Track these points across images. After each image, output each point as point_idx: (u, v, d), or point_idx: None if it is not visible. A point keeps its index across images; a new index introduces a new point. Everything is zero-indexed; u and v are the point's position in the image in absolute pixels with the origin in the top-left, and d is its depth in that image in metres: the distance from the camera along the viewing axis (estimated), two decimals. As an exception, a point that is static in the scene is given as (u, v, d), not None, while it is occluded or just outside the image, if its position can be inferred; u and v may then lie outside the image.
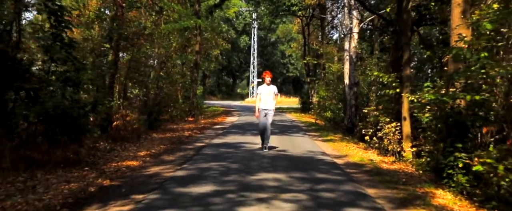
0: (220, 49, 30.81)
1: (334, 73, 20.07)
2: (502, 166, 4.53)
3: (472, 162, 5.11)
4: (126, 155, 8.24)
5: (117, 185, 5.60)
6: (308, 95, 27.69)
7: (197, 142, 10.51)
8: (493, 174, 4.67)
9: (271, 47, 61.96)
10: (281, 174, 6.20)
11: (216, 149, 9.03)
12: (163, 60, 14.77)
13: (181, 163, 7.25)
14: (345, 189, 5.31)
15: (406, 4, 8.91)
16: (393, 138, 8.97)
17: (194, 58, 18.83)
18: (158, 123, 13.37)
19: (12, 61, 6.09)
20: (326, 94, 19.47)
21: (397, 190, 5.51)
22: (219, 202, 4.45)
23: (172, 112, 16.51)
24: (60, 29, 6.52)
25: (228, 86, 67.47)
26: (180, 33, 17.30)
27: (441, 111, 6.72)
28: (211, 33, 22.52)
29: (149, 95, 13.31)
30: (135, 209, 4.27)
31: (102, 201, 4.70)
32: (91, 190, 5.28)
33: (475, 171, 5.01)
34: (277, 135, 12.24)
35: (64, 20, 6.51)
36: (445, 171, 6.02)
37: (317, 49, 23.77)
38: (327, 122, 18.56)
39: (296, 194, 4.93)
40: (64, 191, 5.14)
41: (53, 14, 6.42)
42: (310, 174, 6.32)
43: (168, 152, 8.84)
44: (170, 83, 15.79)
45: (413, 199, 5.01)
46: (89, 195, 5.04)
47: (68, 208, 4.45)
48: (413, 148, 8.17)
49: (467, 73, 5.73)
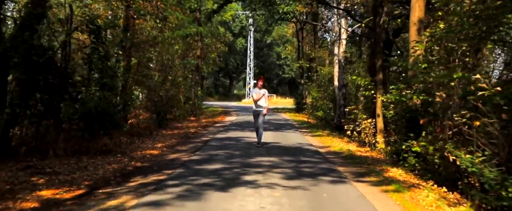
0: (217, 52, 32.50)
1: (325, 76, 21.81)
2: (432, 146, 6.28)
3: (414, 146, 6.86)
4: (145, 146, 9.93)
5: (148, 166, 7.30)
6: (302, 96, 29.39)
7: (202, 137, 12.22)
8: (426, 153, 6.42)
9: (267, 49, 63.70)
10: (274, 157, 7.93)
11: (220, 142, 10.75)
12: (169, 65, 16.46)
13: (193, 151, 8.96)
14: (321, 167, 7.05)
15: (379, 20, 10.68)
16: (369, 132, 10.72)
17: (196, 63, 20.51)
18: (166, 121, 15.04)
19: (62, 71, 7.76)
20: (318, 95, 21.18)
21: (361, 168, 7.26)
22: (228, 173, 6.18)
23: (175, 111, 18.18)
24: (98, 44, 8.20)
25: (225, 88, 69.24)
26: (183, 40, 18.95)
27: (400, 108, 8.48)
28: (211, 39, 24.22)
29: (157, 97, 14.97)
30: (169, 177, 5.98)
31: (142, 174, 6.40)
32: (129, 169, 6.98)
33: (420, 153, 6.76)
34: (272, 131, 13.95)
35: (101, 37, 8.20)
36: (401, 155, 7.78)
37: (310, 53, 25.51)
38: (319, 121, 20.26)
39: (284, 169, 6.66)
40: (110, 169, 6.84)
41: (93, 33, 8.11)
42: (297, 157, 8.06)
43: (180, 144, 10.54)
44: (174, 86, 17.45)
45: (371, 173, 6.77)
46: (130, 172, 6.74)
47: (120, 178, 6.16)
48: (384, 139, 9.93)
49: (412, 79, 7.48)
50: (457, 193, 5.58)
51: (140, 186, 5.55)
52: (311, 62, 25.50)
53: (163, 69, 16.38)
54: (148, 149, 9.40)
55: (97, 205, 4.57)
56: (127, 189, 5.36)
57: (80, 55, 8.19)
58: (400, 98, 8.14)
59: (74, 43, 8.44)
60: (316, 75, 24.53)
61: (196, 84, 20.99)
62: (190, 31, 17.76)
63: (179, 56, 18.31)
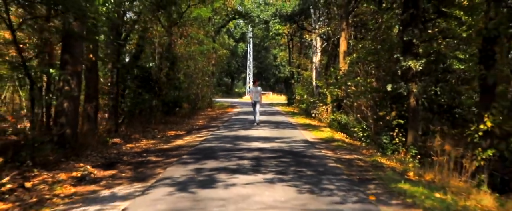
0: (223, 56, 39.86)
1: (307, 78, 29.20)
2: (342, 115, 13.69)
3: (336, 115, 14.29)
4: (192, 122, 17.29)
5: (199, 128, 14.66)
6: (292, 93, 36.79)
7: (223, 118, 19.59)
8: (336, 119, 13.87)
9: (265, 51, 71.01)
10: (266, 124, 15.31)
11: (235, 120, 18.12)
12: (196, 71, 23.81)
13: (222, 123, 16.34)
14: (288, 126, 14.47)
15: (336, 41, 18.05)
16: (321, 113, 18.13)
17: (211, 70, 27.91)
18: (196, 109, 22.44)
19: (155, 81, 15.11)
20: (302, 92, 28.56)
21: (308, 127, 14.65)
22: (244, 127, 13.59)
23: (199, 104, 25.56)
24: (172, 66, 15.56)
25: (227, 86, 76.65)
26: (202, 53, 26.29)
27: (332, 96, 15.89)
28: (221, 50, 31.58)
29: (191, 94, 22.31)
30: (216, 130, 13.36)
31: (204, 129, 13.81)
32: (196, 128, 14.37)
33: (337, 118, 14.18)
34: (266, 116, 21.29)
35: (172, 52, 15.55)
36: (331, 122, 15.18)
37: (296, 61, 32.91)
38: (302, 111, 27.64)
39: (270, 127, 14.06)
40: (187, 127, 14.23)
41: (169, 60, 15.48)
42: (277, 125, 15.46)
43: (210, 121, 17.90)
44: (199, 87, 24.80)
45: (310, 127, 14.16)
46: (197, 128, 14.12)
47: (195, 130, 13.54)
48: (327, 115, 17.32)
49: (339, 82, 14.91)
50: (342, 133, 12.96)
51: (207, 131, 12.93)
52: (298, 68, 32.89)
53: (189, 75, 23.71)
54: (196, 122, 16.78)
55: (196, 134, 11.94)
56: (204, 130, 12.76)
57: (164, 72, 15.56)
58: (332, 92, 15.61)
59: (158, 65, 15.81)
60: (301, 78, 31.93)
61: (211, 85, 28.36)
62: (208, 47, 25.07)
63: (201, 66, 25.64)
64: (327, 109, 18.12)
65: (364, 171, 6.65)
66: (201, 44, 24.93)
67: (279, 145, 9.50)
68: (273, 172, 6.29)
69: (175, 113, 16.04)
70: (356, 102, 13.39)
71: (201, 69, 25.62)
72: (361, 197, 4.84)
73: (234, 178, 5.77)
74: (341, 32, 16.59)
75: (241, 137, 11.07)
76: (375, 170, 6.76)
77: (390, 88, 8.91)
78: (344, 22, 16.31)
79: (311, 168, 6.63)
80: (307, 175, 6.08)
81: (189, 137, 11.73)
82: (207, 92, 27.94)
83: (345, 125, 13.46)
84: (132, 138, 11.08)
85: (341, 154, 8.47)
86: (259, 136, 11.32)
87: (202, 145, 9.57)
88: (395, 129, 9.17)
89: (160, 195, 4.86)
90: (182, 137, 11.70)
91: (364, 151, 9.30)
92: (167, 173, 6.19)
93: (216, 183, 5.47)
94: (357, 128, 12.20)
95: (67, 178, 6.16)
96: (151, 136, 11.82)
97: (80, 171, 6.43)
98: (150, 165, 7.10)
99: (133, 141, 10.69)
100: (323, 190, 5.18)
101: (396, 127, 9.20)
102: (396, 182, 5.59)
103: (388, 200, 4.81)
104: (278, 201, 4.60)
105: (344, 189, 5.25)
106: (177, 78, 15.93)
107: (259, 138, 10.81)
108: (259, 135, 11.73)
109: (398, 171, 6.87)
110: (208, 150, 8.60)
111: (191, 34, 23.76)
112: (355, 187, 5.40)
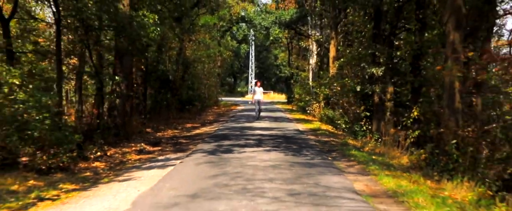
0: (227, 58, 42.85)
1: (304, 79, 32.08)
2: (330, 110, 16.58)
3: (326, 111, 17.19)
4: (203, 117, 20.19)
5: (210, 122, 17.55)
6: (292, 92, 39.71)
7: (229, 114, 22.50)
8: (325, 114, 16.78)
9: (266, 52, 73.91)
10: (266, 119, 18.19)
11: (241, 115, 21.02)
12: (204, 73, 26.72)
13: (229, 117, 19.23)
14: (285, 120, 17.36)
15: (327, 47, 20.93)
16: (315, 110, 21.02)
17: (217, 71, 30.84)
18: (205, 107, 25.37)
19: (173, 82, 18.03)
20: (300, 91, 31.44)
21: (301, 121, 17.54)
22: (248, 121, 16.48)
23: (207, 102, 28.48)
24: (187, 70, 18.49)
25: (230, 86, 79.70)
26: (210, 56, 29.20)
27: (323, 95, 18.78)
28: (226, 53, 34.53)
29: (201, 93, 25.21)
30: (224, 124, 16.26)
31: (215, 122, 16.71)
32: (207, 122, 17.28)
33: (326, 113, 17.07)
34: (266, 112, 24.17)
35: (183, 56, 18.49)
36: (321, 115, 18.07)
37: (294, 62, 35.82)
38: (299, 109, 30.52)
39: (270, 121, 16.96)
40: (200, 121, 17.15)
41: (184, 65, 18.40)
42: (276, 119, 18.33)
43: (219, 117, 20.80)
44: (206, 87, 27.71)
45: (303, 121, 17.06)
46: (208, 122, 17.03)
47: (208, 123, 16.46)
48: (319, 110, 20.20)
49: (328, 83, 17.82)
50: (330, 125, 15.83)
51: (217, 123, 15.83)
52: (296, 69, 35.79)
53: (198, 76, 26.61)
54: (207, 117, 19.69)
55: (209, 126, 14.86)
56: (215, 123, 15.67)
57: (179, 74, 18.48)
58: (323, 91, 18.51)
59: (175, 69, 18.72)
60: (299, 78, 34.83)
61: (217, 85, 31.28)
62: (215, 51, 27.98)
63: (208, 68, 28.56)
64: (320, 106, 20.99)
65: (333, 147, 9.56)
66: (208, 48, 27.85)
67: (276, 133, 12.40)
68: (270, 146, 9.20)
69: (189, 110, 18.97)
70: (341, 100, 16.26)
71: (208, 71, 28.54)
72: (324, 158, 7.76)
73: (244, 149, 8.68)
74: (331, 40, 19.45)
75: (246, 127, 13.99)
76: (341, 146, 9.67)
77: (359, 89, 11.79)
78: (333, 32, 19.17)
79: (296, 144, 9.55)
80: (292, 148, 8.99)
81: (204, 128, 14.66)
82: (213, 91, 30.87)
83: (332, 119, 16.33)
84: (159, 129, 14.00)
85: (321, 138, 11.38)
86: (261, 127, 14.24)
87: (217, 132, 12.49)
88: (363, 119, 12.04)
89: (199, 156, 7.79)
90: (199, 128, 14.63)
91: (340, 137, 12.19)
92: (198, 147, 9.12)
93: (232, 151, 8.39)
94: (340, 121, 15.06)
95: (131, 151, 9.10)
96: (173, 127, 14.73)
97: (138, 147, 9.37)
98: (183, 144, 10.03)
99: (161, 131, 13.62)
100: (301, 155, 8.09)
101: (364, 118, 12.08)
102: (350, 151, 8.50)
103: (340, 159, 7.71)
104: (272, 159, 7.51)
105: (314, 154, 8.16)
106: (191, 80, 18.86)
107: (260, 128, 13.73)
108: (261, 126, 14.65)
109: (358, 147, 9.77)
110: (222, 135, 11.53)
111: (199, 39, 26.66)
112: (323, 154, 8.31)
